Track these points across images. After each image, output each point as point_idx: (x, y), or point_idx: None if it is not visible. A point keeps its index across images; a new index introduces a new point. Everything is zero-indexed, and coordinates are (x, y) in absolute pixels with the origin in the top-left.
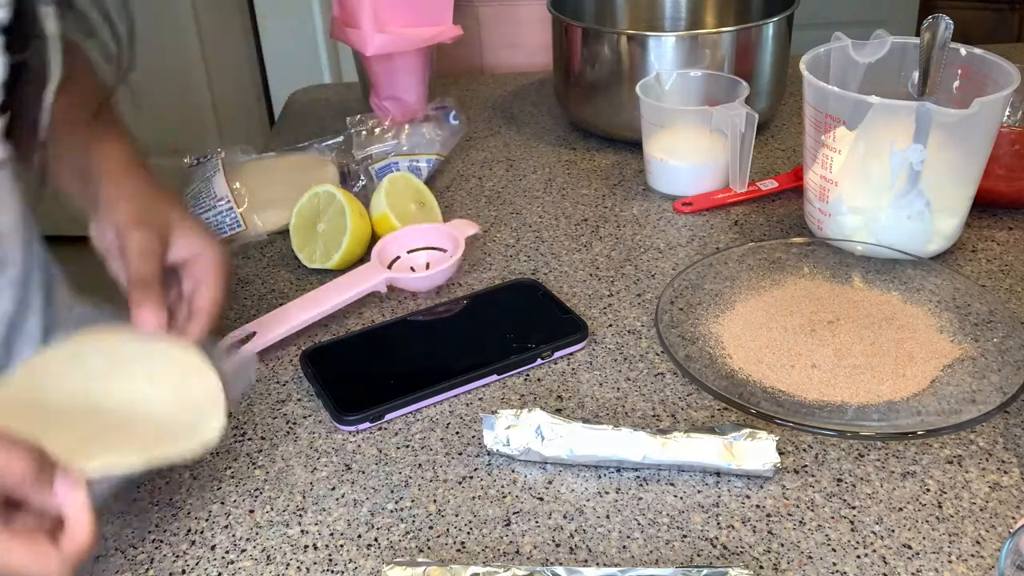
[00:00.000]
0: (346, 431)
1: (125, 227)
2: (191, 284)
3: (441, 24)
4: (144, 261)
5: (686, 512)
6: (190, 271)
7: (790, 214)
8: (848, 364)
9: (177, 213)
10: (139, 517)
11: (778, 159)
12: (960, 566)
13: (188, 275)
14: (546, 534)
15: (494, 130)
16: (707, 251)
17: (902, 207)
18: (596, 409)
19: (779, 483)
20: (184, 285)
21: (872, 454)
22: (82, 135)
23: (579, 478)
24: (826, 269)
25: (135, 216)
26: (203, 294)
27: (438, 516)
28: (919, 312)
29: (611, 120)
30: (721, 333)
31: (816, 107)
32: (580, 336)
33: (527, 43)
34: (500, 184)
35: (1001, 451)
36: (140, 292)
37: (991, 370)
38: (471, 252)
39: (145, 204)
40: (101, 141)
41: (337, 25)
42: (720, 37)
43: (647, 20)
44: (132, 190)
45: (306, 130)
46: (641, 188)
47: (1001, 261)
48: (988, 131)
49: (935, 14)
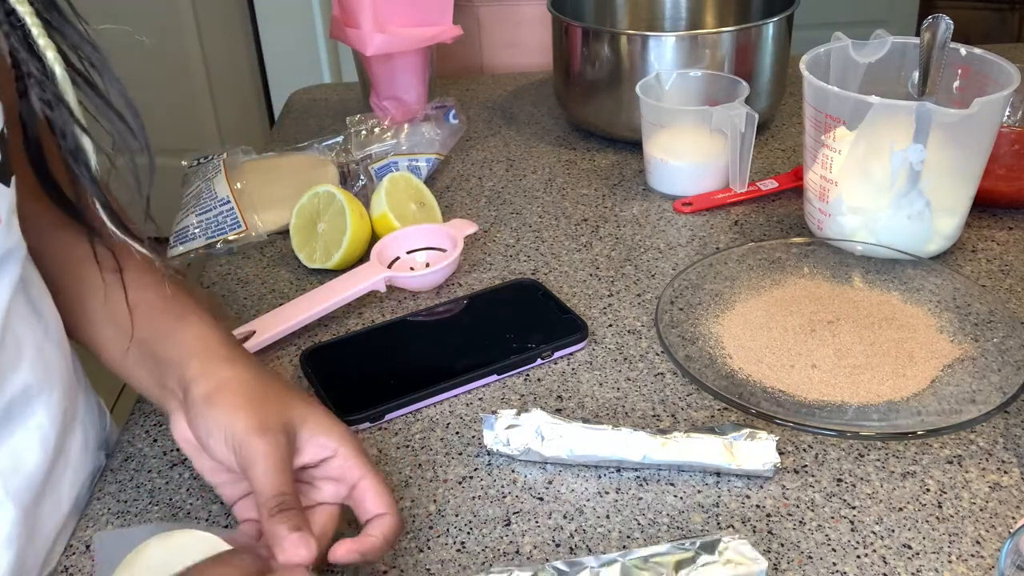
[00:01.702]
0: None
1: (245, 433)
2: (331, 490)
3: (441, 24)
4: (279, 475)
5: (686, 512)
6: (326, 473)
7: (790, 214)
8: (848, 364)
9: (297, 403)
10: (139, 517)
11: (778, 159)
12: (960, 566)
13: (323, 478)
14: (546, 534)
15: (494, 130)
16: (707, 251)
17: (902, 207)
18: (596, 409)
19: (779, 483)
20: (315, 493)
21: (872, 454)
22: (158, 313)
23: (579, 478)
24: (826, 269)
25: (254, 418)
26: (374, 519)
27: (438, 516)
28: (919, 312)
29: (611, 120)
30: (721, 333)
31: (816, 107)
32: (580, 336)
33: (527, 43)
34: (500, 184)
35: (1001, 451)
36: (285, 518)
37: (991, 370)
38: (471, 252)
39: (258, 398)
40: (183, 320)
41: (337, 25)
42: (720, 37)
43: (647, 20)
44: (234, 380)
45: (306, 130)
46: (641, 188)
47: (1001, 261)
48: (988, 131)
49: (935, 14)
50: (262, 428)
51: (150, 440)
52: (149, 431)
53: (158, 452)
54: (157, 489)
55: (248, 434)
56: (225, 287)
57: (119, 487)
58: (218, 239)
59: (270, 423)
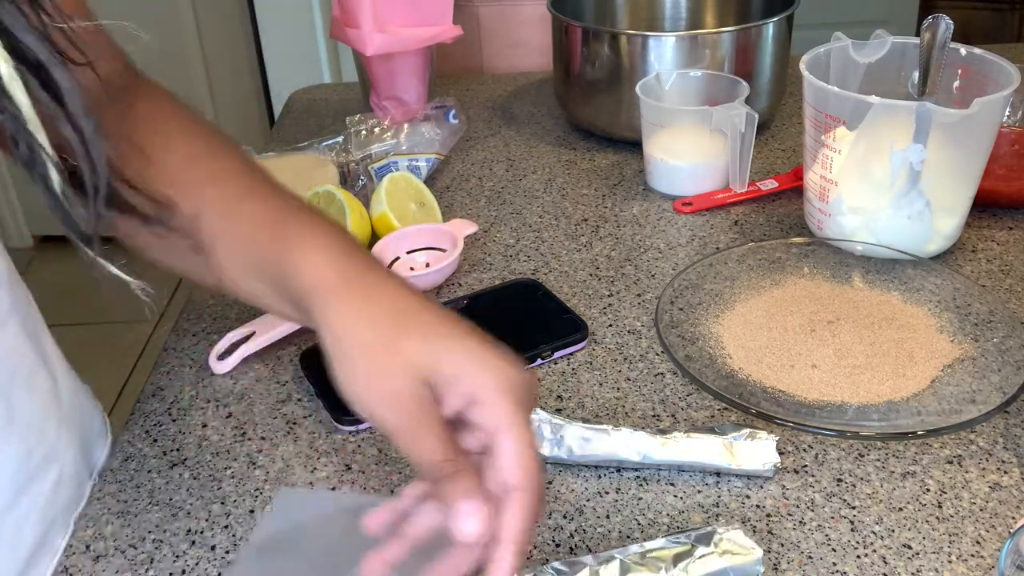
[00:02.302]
0: (346, 431)
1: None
2: (473, 440)
3: (441, 24)
4: (431, 440)
5: (686, 512)
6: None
7: (790, 214)
8: (848, 364)
9: (433, 339)
10: (139, 517)
11: (778, 159)
12: (960, 566)
13: (479, 428)
14: (546, 534)
15: (494, 130)
16: (707, 251)
17: (902, 207)
18: (596, 409)
19: (779, 483)
20: (470, 441)
21: (872, 454)
22: (261, 217)
23: (579, 478)
24: (826, 269)
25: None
26: (505, 500)
27: None
28: (919, 312)
29: (611, 120)
30: (721, 333)
31: (816, 107)
32: (580, 336)
33: (527, 43)
34: (500, 184)
35: (1001, 451)
36: (467, 479)
37: (991, 370)
38: (471, 252)
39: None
40: (301, 237)
41: (337, 25)
42: (720, 37)
43: (647, 20)
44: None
45: (306, 130)
46: (641, 188)
47: (1001, 261)
48: (988, 131)
49: (935, 14)
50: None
51: (150, 440)
52: (149, 431)
53: (158, 452)
54: (157, 489)
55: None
56: None
57: (119, 487)
58: None
59: (405, 384)
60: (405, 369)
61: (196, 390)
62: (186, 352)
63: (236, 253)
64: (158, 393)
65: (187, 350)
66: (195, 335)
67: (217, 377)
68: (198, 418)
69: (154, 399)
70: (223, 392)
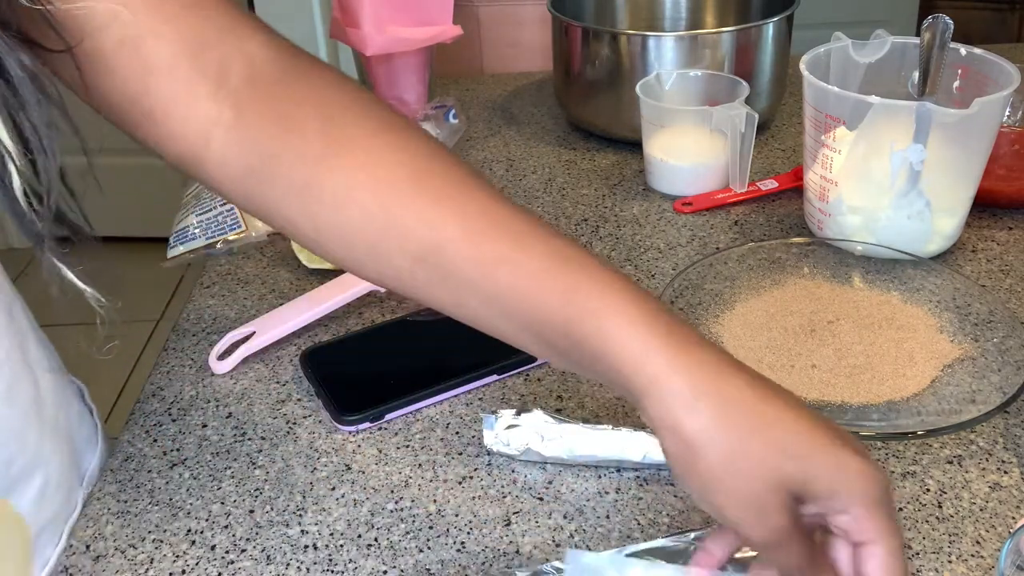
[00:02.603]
0: (346, 431)
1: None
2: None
3: (441, 24)
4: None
5: (686, 512)
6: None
7: (790, 214)
8: (848, 364)
9: (832, 443)
10: (139, 517)
11: (778, 159)
12: (960, 566)
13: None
14: (546, 534)
15: (494, 130)
16: (707, 251)
17: (902, 207)
18: (596, 409)
19: None
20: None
21: (872, 454)
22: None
23: (579, 478)
24: (826, 269)
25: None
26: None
27: (438, 516)
28: (919, 312)
29: (611, 120)
30: (721, 333)
31: (816, 107)
32: None
33: (527, 43)
34: (500, 184)
35: (1001, 451)
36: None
37: (991, 370)
38: None
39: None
40: (596, 296)
41: (337, 25)
42: (720, 37)
43: (647, 20)
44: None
45: None
46: (641, 188)
47: (1001, 261)
48: (988, 131)
49: (935, 14)
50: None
51: (150, 440)
52: (149, 431)
53: (158, 452)
54: (157, 489)
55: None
56: (225, 287)
57: (119, 487)
58: (218, 239)
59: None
60: (773, 484)
61: (196, 390)
62: (186, 352)
63: (490, 304)
64: (158, 393)
65: (187, 350)
66: (195, 335)
67: (217, 377)
68: (198, 418)
69: (154, 399)
70: (223, 392)
